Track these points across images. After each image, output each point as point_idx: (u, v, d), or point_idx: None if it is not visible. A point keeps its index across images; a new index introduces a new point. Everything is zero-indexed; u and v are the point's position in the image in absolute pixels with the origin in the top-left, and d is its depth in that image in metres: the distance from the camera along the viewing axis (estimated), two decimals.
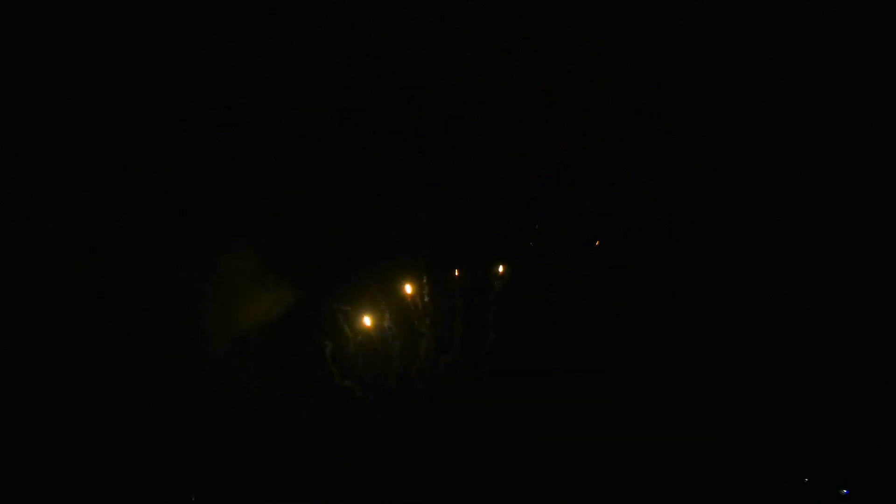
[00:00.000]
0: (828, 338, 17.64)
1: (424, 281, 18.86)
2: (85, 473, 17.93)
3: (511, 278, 18.93)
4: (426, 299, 18.89)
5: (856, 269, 17.80)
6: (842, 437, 17.20)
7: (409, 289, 18.83)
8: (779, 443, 17.51)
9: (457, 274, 18.91)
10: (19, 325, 18.06)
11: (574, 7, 17.91)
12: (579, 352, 18.78)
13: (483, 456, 18.57)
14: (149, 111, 18.33)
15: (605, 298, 18.80)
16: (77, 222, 18.20)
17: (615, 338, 18.77)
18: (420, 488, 18.44)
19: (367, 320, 18.90)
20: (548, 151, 18.84)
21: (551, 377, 18.75)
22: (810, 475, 17.26)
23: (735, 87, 18.13)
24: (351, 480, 18.63)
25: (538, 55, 18.20)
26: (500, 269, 18.87)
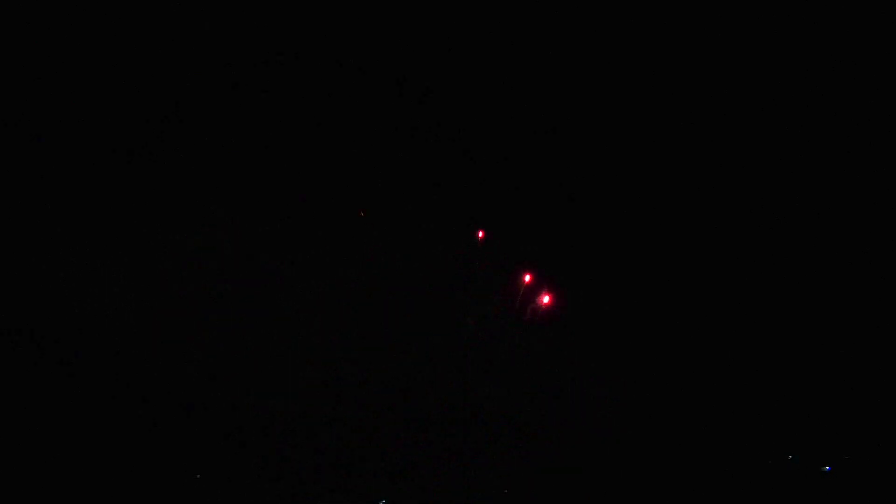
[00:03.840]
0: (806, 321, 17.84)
1: None
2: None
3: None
4: None
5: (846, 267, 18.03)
6: (824, 416, 17.42)
7: None
8: (762, 421, 17.67)
9: None
10: None
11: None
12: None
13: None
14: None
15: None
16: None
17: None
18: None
19: None
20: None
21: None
22: (793, 452, 17.49)
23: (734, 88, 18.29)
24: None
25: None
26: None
